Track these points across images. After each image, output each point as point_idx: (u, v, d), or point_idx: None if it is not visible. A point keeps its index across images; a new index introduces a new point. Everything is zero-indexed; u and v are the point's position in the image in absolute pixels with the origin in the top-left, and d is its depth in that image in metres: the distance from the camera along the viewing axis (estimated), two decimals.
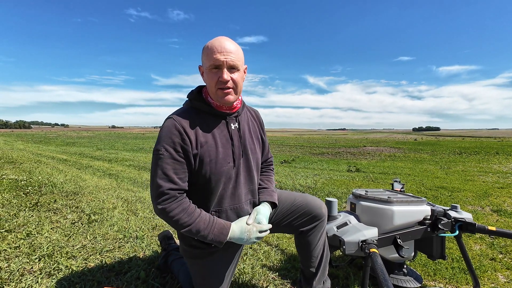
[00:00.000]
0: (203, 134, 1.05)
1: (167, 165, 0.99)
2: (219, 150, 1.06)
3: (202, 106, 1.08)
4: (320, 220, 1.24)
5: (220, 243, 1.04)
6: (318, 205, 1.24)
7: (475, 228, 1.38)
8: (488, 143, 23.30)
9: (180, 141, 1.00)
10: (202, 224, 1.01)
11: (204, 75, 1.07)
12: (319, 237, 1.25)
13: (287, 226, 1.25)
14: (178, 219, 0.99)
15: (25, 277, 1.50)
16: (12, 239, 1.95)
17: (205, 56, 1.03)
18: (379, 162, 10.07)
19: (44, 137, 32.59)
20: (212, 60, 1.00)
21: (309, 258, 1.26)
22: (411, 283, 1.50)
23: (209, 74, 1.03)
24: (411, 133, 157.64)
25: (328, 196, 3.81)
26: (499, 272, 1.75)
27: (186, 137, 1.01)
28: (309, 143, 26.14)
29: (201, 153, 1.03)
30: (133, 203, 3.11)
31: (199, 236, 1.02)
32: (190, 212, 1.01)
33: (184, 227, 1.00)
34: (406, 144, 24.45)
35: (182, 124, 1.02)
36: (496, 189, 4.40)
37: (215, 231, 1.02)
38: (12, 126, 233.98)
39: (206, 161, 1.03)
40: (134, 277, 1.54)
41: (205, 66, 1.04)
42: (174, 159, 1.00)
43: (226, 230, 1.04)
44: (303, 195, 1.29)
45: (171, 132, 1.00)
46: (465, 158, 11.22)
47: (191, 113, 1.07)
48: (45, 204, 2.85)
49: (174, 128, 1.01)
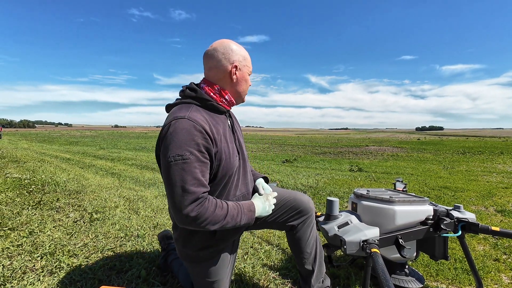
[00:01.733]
0: (216, 131, 1.04)
1: (196, 169, 0.93)
2: (229, 145, 1.09)
3: (209, 104, 1.08)
4: (307, 214, 1.27)
5: (249, 223, 1.07)
6: (305, 200, 1.29)
7: (478, 228, 1.36)
8: (492, 143, 23.09)
9: (203, 142, 0.95)
10: (235, 211, 1.02)
11: (240, 76, 1.13)
12: (309, 233, 1.28)
13: (275, 221, 1.28)
14: (214, 216, 0.96)
15: (27, 275, 1.51)
16: (15, 237, 1.97)
17: (248, 62, 1.16)
18: (381, 161, 10.02)
19: (48, 136, 32.86)
20: (251, 68, 1.18)
21: (301, 254, 1.28)
22: (413, 283, 1.49)
23: (246, 77, 1.16)
24: (414, 133, 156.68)
25: (329, 195, 3.79)
26: (503, 273, 1.73)
27: (207, 136, 0.97)
28: (311, 143, 26.09)
29: (219, 150, 1.03)
30: (135, 202, 3.12)
31: (233, 225, 1.01)
32: (220, 205, 0.99)
33: (220, 221, 0.97)
34: (409, 143, 24.31)
35: (200, 123, 0.96)
36: (500, 189, 4.35)
37: (245, 211, 1.05)
38: (16, 125, 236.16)
39: (223, 157, 1.04)
40: (135, 275, 1.55)
41: (248, 70, 1.16)
42: (201, 162, 0.95)
43: (253, 207, 1.08)
44: (291, 192, 1.33)
45: (192, 134, 0.94)
46: (469, 157, 11.12)
47: (200, 111, 1.04)
48: (48, 202, 2.87)
49: (194, 129, 0.94)
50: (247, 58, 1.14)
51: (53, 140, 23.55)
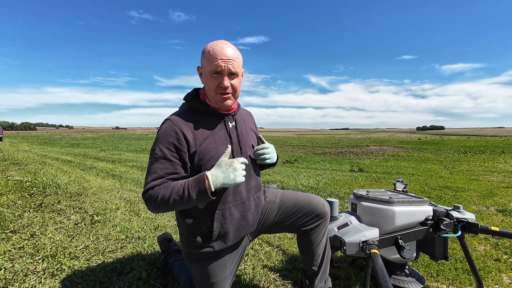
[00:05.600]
0: (201, 133, 1.07)
1: (160, 164, 1.01)
2: (218, 148, 1.07)
3: (200, 106, 1.11)
4: (324, 218, 1.25)
5: (205, 193, 0.95)
6: (321, 204, 1.26)
7: (478, 228, 1.36)
8: (494, 142, 23.01)
9: (174, 141, 1.02)
10: (180, 187, 0.97)
11: (204, 78, 1.09)
12: (321, 236, 1.26)
13: (290, 226, 1.27)
14: (161, 195, 0.96)
15: (28, 277, 1.52)
16: (17, 240, 1.98)
17: (206, 60, 1.03)
18: (382, 161, 10.00)
19: (49, 138, 32.96)
20: (213, 66, 1.01)
21: (311, 257, 1.27)
22: (413, 284, 1.49)
23: (210, 78, 1.04)
24: (415, 132, 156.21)
25: (330, 196, 3.79)
26: (504, 273, 1.73)
27: (182, 137, 1.03)
28: (312, 143, 26.06)
29: (200, 151, 1.05)
30: (136, 204, 3.13)
31: (183, 200, 0.97)
32: (167, 186, 0.99)
33: (166, 199, 0.96)
34: (410, 143, 24.26)
35: (178, 124, 1.04)
36: (502, 188, 4.34)
37: (192, 184, 0.97)
38: (17, 128, 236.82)
39: (206, 158, 1.05)
40: (136, 277, 1.55)
41: (206, 70, 1.04)
42: (167, 159, 1.02)
43: (202, 177, 0.97)
44: (306, 195, 1.30)
45: (167, 133, 1.03)
46: (470, 157, 11.09)
47: (188, 114, 1.10)
48: (49, 205, 2.89)
49: (170, 129, 1.03)
50: (209, 53, 1.01)
51: (54, 142, 23.62)
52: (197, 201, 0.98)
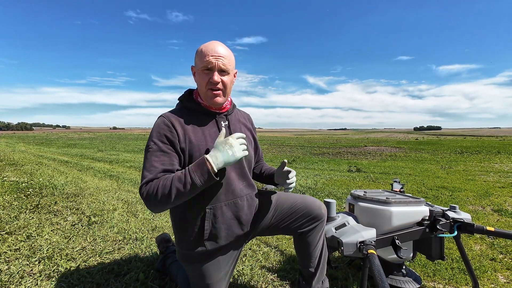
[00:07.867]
0: (192, 130, 1.09)
1: (156, 157, 1.02)
2: (208, 145, 1.09)
3: (192, 106, 1.14)
4: (320, 220, 1.25)
5: (208, 174, 0.95)
6: (317, 206, 1.26)
7: (474, 228, 1.38)
8: (490, 142, 23.21)
9: (167, 133, 1.04)
10: (181, 174, 0.96)
11: (196, 76, 1.13)
12: (318, 238, 1.26)
13: (286, 228, 1.26)
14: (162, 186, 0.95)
15: (25, 279, 1.51)
16: (13, 241, 1.96)
17: (198, 58, 1.09)
18: (380, 162, 10.05)
19: (46, 138, 32.73)
20: (204, 62, 1.06)
21: (308, 258, 1.27)
22: (410, 284, 1.50)
23: (201, 75, 1.09)
24: (413, 133, 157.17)
25: (328, 196, 3.80)
26: (499, 273, 1.75)
27: (174, 130, 1.05)
28: (310, 143, 26.12)
29: (190, 148, 1.06)
30: (133, 204, 3.11)
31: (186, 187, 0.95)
32: (166, 177, 0.97)
33: (168, 191, 0.94)
34: (408, 143, 24.40)
35: (170, 119, 1.08)
36: (497, 188, 4.38)
37: (193, 168, 0.96)
38: (14, 128, 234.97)
39: (196, 156, 1.06)
40: (133, 279, 1.55)
41: (198, 67, 1.10)
42: (162, 151, 1.03)
43: (202, 160, 0.97)
44: (302, 196, 1.30)
45: (159, 127, 1.06)
46: (467, 157, 11.18)
47: (181, 112, 1.13)
48: (45, 206, 2.87)
49: (163, 123, 1.06)
50: (202, 51, 1.06)
51: (51, 142, 23.46)
52: (202, 186, 0.96)
